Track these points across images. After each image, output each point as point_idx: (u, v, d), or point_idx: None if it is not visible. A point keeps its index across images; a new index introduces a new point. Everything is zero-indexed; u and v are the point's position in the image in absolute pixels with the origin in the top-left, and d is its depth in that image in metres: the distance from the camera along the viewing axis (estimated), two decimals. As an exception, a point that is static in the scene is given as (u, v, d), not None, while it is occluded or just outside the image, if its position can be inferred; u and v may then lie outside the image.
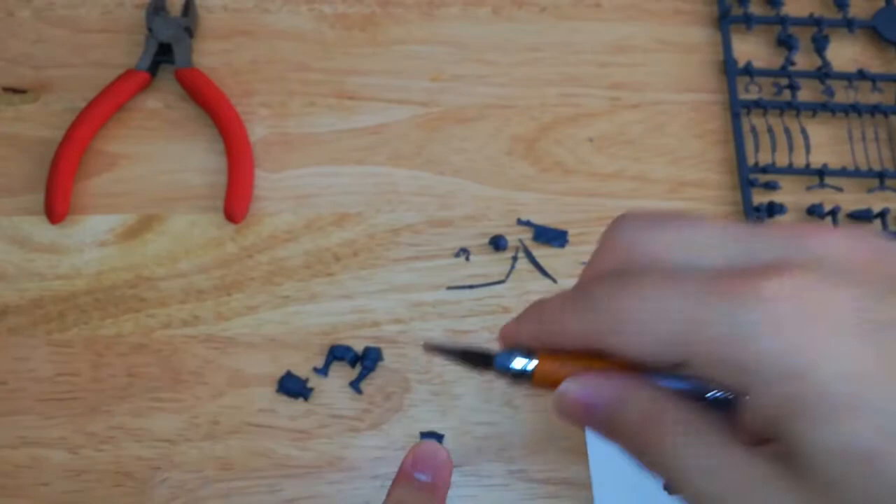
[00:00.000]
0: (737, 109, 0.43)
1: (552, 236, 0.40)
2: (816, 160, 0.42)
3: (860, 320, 0.19)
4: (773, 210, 0.40)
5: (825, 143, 0.43)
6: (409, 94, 0.43)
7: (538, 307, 0.25)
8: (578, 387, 0.24)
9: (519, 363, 0.26)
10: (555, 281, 0.39)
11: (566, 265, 0.39)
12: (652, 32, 0.45)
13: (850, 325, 0.19)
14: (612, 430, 0.24)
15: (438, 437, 0.31)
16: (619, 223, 0.24)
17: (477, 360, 0.28)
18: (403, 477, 0.27)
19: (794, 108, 0.43)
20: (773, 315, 0.19)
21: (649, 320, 0.21)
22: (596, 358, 0.26)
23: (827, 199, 0.41)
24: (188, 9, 0.44)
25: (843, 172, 0.42)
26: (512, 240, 0.40)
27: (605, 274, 0.24)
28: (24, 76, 0.43)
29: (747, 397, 0.20)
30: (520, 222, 0.40)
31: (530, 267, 0.39)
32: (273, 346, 0.37)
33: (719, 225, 0.22)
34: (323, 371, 0.37)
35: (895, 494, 0.18)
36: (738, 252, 0.22)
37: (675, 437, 0.22)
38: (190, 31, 0.44)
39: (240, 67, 0.44)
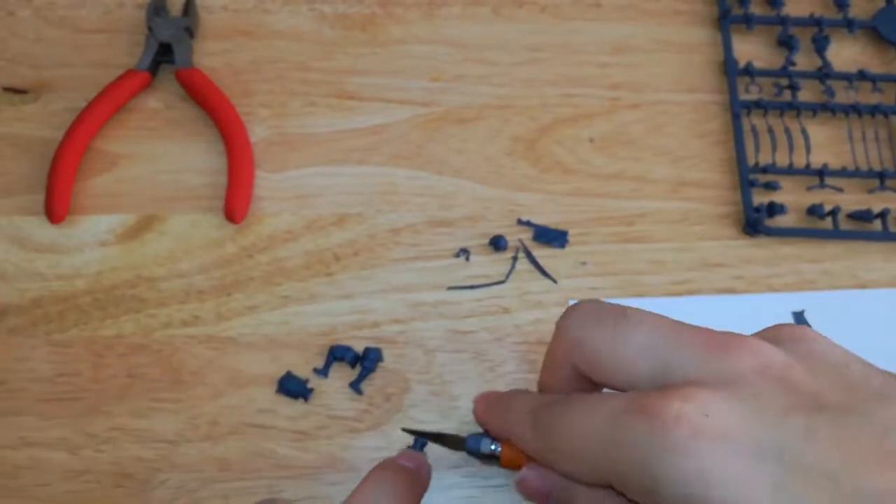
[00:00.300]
0: (737, 110, 0.43)
1: (552, 236, 0.40)
2: (817, 160, 0.42)
3: (752, 444, 0.21)
4: (773, 210, 0.40)
5: (825, 143, 0.43)
6: (409, 94, 0.43)
7: (507, 405, 0.29)
8: (536, 475, 0.27)
9: (487, 446, 0.29)
10: (555, 281, 0.39)
11: (566, 265, 0.39)
12: (652, 32, 0.45)
13: (742, 449, 0.21)
14: None
15: (424, 442, 0.32)
16: (568, 316, 0.27)
17: (450, 442, 0.31)
18: (385, 462, 0.29)
19: (795, 108, 0.43)
20: (675, 440, 0.21)
21: (577, 447, 0.24)
22: None
23: (827, 199, 0.41)
24: (188, 9, 0.44)
25: (843, 173, 0.42)
26: (512, 240, 0.40)
27: (561, 377, 0.27)
28: (24, 76, 0.43)
29: None
30: (520, 222, 0.40)
31: (530, 267, 0.39)
32: (273, 347, 0.37)
33: (650, 327, 0.24)
34: (323, 371, 0.37)
35: None
36: (658, 366, 0.24)
37: None
38: (190, 32, 0.44)
39: (240, 67, 0.44)
